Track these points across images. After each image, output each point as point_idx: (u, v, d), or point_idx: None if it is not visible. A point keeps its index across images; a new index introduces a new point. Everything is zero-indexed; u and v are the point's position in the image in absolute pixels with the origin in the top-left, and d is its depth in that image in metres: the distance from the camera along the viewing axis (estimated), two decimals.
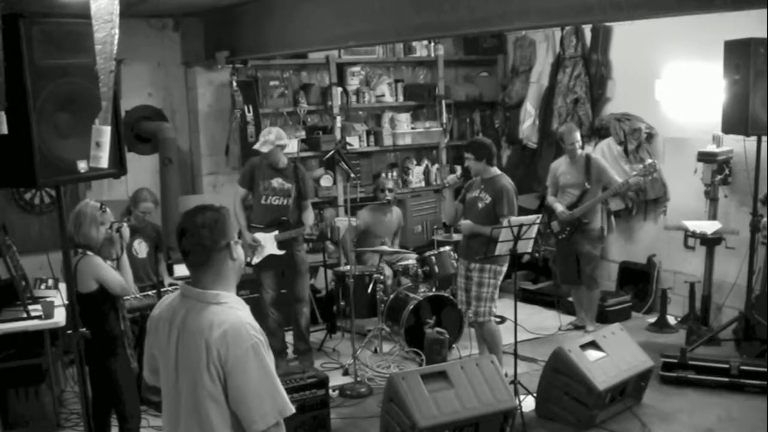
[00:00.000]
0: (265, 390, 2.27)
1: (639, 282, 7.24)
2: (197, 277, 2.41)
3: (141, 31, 6.84)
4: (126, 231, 4.20)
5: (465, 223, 5.47)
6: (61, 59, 2.78)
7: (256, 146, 5.80)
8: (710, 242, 6.22)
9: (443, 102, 8.01)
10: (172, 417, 2.45)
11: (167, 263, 6.25)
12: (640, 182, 6.35)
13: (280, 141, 5.75)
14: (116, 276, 4.09)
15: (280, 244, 5.80)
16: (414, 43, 8.00)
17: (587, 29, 7.41)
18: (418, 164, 8.18)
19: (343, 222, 5.96)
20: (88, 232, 4.05)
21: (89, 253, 4.05)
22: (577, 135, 6.34)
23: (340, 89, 7.54)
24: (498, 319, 6.08)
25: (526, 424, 4.79)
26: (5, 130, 2.60)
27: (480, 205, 5.39)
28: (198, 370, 2.29)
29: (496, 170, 5.43)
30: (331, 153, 7.13)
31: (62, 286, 5.06)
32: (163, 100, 7.14)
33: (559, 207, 6.37)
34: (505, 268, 5.38)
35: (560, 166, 6.50)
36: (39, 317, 4.74)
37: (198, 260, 2.38)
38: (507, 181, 5.38)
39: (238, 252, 2.43)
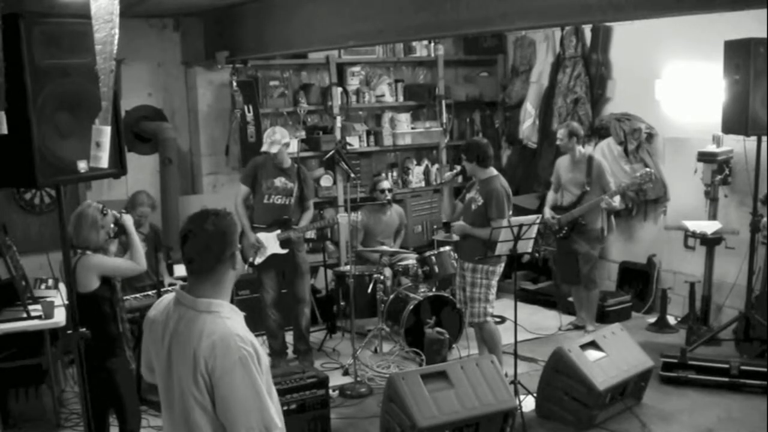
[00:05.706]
0: (251, 403, 2.25)
1: (639, 282, 7.23)
2: (195, 283, 2.39)
3: (141, 31, 6.84)
4: (128, 219, 4.18)
5: (457, 224, 5.48)
6: (61, 59, 2.78)
7: (264, 148, 5.77)
8: (710, 242, 6.22)
9: (443, 102, 8.00)
10: (166, 419, 2.47)
11: (167, 263, 6.25)
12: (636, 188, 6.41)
13: (285, 139, 5.79)
14: (121, 261, 4.08)
15: (283, 243, 5.81)
16: (414, 43, 7.99)
17: (587, 29, 7.41)
18: (418, 164, 8.17)
19: (344, 218, 5.96)
20: (87, 235, 4.02)
21: (88, 252, 4.04)
22: (563, 131, 6.32)
23: (340, 89, 7.53)
24: (498, 319, 6.08)
25: (526, 424, 4.79)
26: (5, 130, 2.60)
27: (473, 206, 5.38)
28: (187, 377, 2.29)
29: (491, 171, 5.37)
30: (331, 153, 7.11)
31: (62, 286, 5.07)
32: (163, 100, 7.14)
33: (548, 213, 6.40)
34: (499, 269, 5.35)
35: (563, 163, 6.50)
36: (39, 317, 4.74)
37: (202, 268, 2.36)
38: (499, 184, 5.31)
39: (239, 261, 2.42)
